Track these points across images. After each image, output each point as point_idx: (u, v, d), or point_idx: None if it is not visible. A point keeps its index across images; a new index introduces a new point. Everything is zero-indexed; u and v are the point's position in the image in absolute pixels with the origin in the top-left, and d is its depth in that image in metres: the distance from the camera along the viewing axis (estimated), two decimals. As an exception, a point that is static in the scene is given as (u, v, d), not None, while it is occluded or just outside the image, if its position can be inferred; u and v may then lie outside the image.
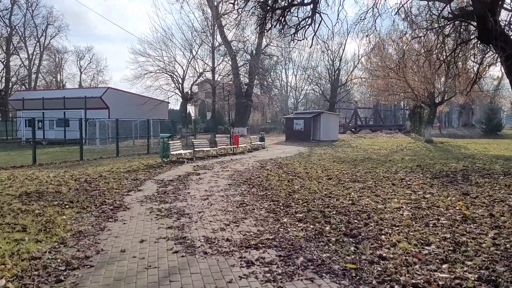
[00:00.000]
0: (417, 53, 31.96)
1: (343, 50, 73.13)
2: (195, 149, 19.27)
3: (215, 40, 40.03)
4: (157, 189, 10.11)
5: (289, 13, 14.45)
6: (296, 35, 15.42)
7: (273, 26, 14.72)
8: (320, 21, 13.67)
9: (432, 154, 22.41)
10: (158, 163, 16.23)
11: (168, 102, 50.01)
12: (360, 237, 5.92)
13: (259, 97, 57.77)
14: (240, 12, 16.35)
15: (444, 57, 31.55)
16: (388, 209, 7.58)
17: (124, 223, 6.79)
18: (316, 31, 13.58)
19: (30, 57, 61.40)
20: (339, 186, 10.27)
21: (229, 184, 10.96)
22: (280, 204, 8.30)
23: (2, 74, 56.96)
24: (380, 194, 9.03)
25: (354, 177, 11.87)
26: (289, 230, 6.36)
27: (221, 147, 21.91)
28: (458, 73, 31.80)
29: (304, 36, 13.73)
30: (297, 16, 14.33)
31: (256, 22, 39.87)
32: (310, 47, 15.24)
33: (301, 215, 7.31)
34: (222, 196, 9.28)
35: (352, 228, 6.35)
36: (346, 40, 52.65)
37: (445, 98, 32.87)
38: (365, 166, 15.17)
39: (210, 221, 6.91)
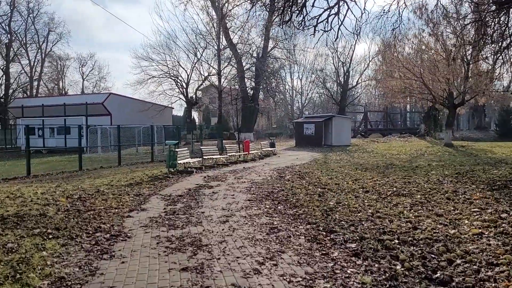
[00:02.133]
0: (435, 52, 30.30)
1: (353, 51, 71.59)
2: (204, 157, 17.58)
3: (221, 41, 38.48)
4: (164, 208, 8.39)
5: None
6: (316, 28, 13.80)
7: (292, 17, 13.09)
8: (347, 10, 11.99)
9: (459, 160, 20.61)
10: (164, 173, 14.52)
11: (172, 108, 48.46)
12: (453, 284, 4.19)
13: (265, 102, 56.16)
14: (248, 9, 14.77)
15: (463, 56, 29.87)
16: (465, 236, 5.83)
17: (123, 262, 5.06)
18: (343, 21, 11.89)
19: (32, 64, 60.11)
20: (383, 202, 8.52)
21: (249, 200, 9.24)
22: (320, 228, 6.57)
23: (2, 81, 55.64)
24: (441, 213, 7.27)
25: (394, 188, 10.11)
26: (347, 271, 4.63)
27: (231, 154, 20.20)
28: (478, 73, 30.14)
29: (330, 26, 11.97)
30: (318, 7, 12.63)
31: (267, 19, 38.15)
32: (336, 40, 13.62)
33: (353, 245, 5.58)
34: (245, 216, 7.55)
35: (434, 269, 4.61)
36: (356, 41, 50.79)
37: (466, 99, 31.02)
38: (397, 175, 13.44)
39: (237, 257, 5.18)
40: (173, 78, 43.27)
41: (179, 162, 14.60)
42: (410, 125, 59.32)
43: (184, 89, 43.78)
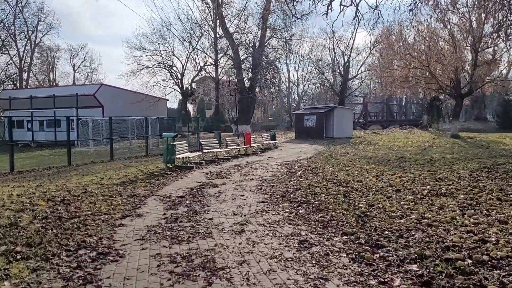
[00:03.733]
0: (443, 39, 29.00)
1: (354, 40, 69.88)
2: (204, 150, 16.18)
3: (217, 29, 36.95)
4: (164, 213, 7.00)
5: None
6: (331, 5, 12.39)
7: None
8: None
9: (473, 152, 19.41)
10: (161, 169, 13.11)
11: (167, 99, 46.94)
12: None
13: (262, 93, 54.70)
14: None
15: (472, 42, 28.60)
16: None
17: (113, 299, 3.71)
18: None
19: (21, 55, 58.03)
20: (423, 204, 7.19)
21: (262, 202, 7.88)
22: (362, 240, 5.24)
23: (-11, 72, 53.65)
24: (503, 219, 5.96)
25: (428, 187, 8.80)
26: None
27: (232, 148, 18.81)
28: (487, 61, 28.90)
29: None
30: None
31: (264, 7, 36.51)
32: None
33: (415, 267, 4.26)
34: (263, 224, 6.20)
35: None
36: (356, 30, 49.22)
37: (474, 89, 29.75)
38: (419, 170, 12.16)
39: (268, 289, 3.84)
40: (167, 68, 41.72)
41: (177, 156, 13.18)
42: (409, 117, 58.13)
43: (179, 80, 42.23)
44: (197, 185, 9.97)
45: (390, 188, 8.81)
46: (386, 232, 5.55)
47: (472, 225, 5.70)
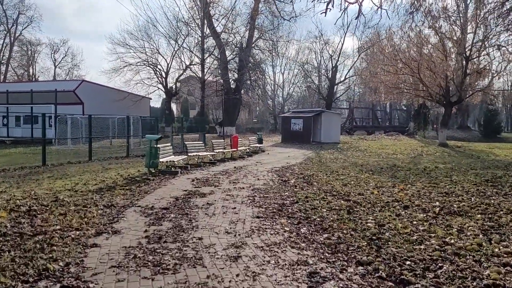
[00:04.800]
0: (434, 46, 28.67)
1: (342, 44, 69.61)
2: (189, 153, 15.22)
3: (205, 28, 35.97)
4: (145, 230, 6.05)
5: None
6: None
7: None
8: None
9: (465, 162, 18.97)
10: (143, 174, 12.09)
11: (150, 98, 45.65)
12: None
13: (247, 95, 53.79)
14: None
15: (464, 50, 28.31)
16: None
17: None
18: None
19: None
20: (439, 225, 6.42)
21: (257, 217, 6.99)
22: (383, 274, 4.39)
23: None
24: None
25: (437, 203, 8.05)
26: None
27: (219, 151, 17.88)
28: (478, 70, 28.65)
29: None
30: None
31: (253, 8, 35.84)
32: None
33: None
34: (262, 248, 5.31)
35: None
36: (345, 33, 48.79)
37: (463, 97, 29.49)
38: (417, 181, 11.50)
39: None
40: (151, 66, 40.50)
41: (161, 160, 12.18)
42: (394, 123, 58.13)
43: (163, 79, 41.02)
44: (182, 194, 9.01)
45: (396, 203, 8.02)
46: (408, 262, 4.73)
47: (505, 255, 4.93)
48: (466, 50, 27.60)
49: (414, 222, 6.53)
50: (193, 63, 39.45)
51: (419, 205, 7.82)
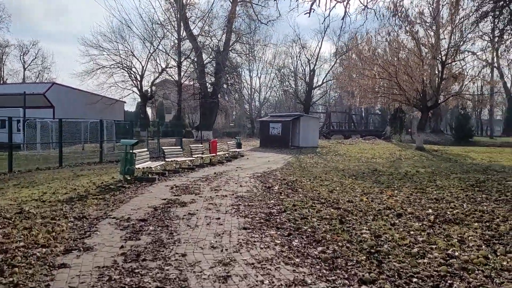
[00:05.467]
0: (411, 51, 28.85)
1: (320, 48, 69.84)
2: (166, 159, 14.56)
3: (181, 30, 35.26)
4: (121, 246, 5.44)
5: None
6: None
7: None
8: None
9: (444, 166, 18.99)
10: (118, 181, 11.38)
11: (124, 102, 44.47)
12: None
13: (224, 99, 53.21)
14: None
15: (441, 56, 28.61)
16: None
17: None
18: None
19: (-37, 49, 53.62)
20: (437, 234, 6.05)
21: (244, 228, 6.47)
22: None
23: None
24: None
25: (430, 210, 7.72)
26: None
27: (197, 156, 17.27)
28: (453, 75, 28.99)
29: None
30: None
31: (230, 11, 35.45)
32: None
33: None
34: (253, 265, 4.79)
35: None
36: (323, 37, 48.91)
37: (439, 101, 29.79)
38: (402, 186, 11.26)
39: None
40: (126, 69, 39.44)
41: (137, 166, 11.49)
42: (370, 127, 58.59)
43: (138, 82, 40.02)
44: (161, 203, 8.39)
45: (388, 211, 7.65)
46: (415, 279, 4.31)
47: (515, 268, 4.58)
48: (442, 55, 27.90)
49: (411, 232, 6.14)
50: (169, 66, 38.65)
51: (412, 212, 7.47)
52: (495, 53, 32.73)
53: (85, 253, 5.11)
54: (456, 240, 5.73)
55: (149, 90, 41.08)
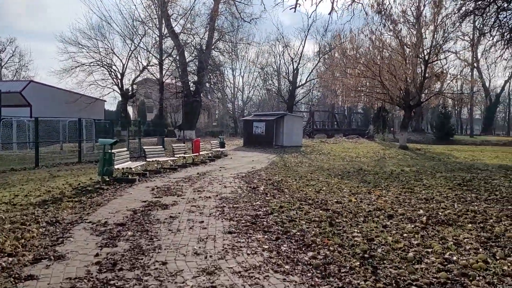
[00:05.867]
0: (394, 50, 28.88)
1: (303, 46, 69.66)
2: (148, 159, 14.07)
3: (163, 27, 34.62)
4: (96, 253, 5.01)
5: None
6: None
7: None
8: None
9: (429, 164, 18.97)
10: (95, 182, 10.86)
11: (104, 101, 43.49)
12: None
13: (207, 98, 52.64)
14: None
15: (425, 54, 28.72)
16: None
17: None
18: None
19: None
20: (432, 237, 5.79)
21: (229, 232, 6.09)
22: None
23: None
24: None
25: (421, 211, 7.48)
26: None
27: (179, 156, 16.81)
28: (436, 74, 29.16)
29: None
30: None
31: (212, 8, 34.98)
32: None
33: None
34: (239, 273, 4.42)
35: None
36: (306, 36, 48.77)
37: (422, 100, 29.92)
38: (390, 186, 11.07)
39: None
40: (106, 67, 38.49)
41: (116, 167, 10.99)
42: (353, 126, 58.77)
43: (118, 80, 39.12)
44: (141, 205, 7.96)
45: (378, 212, 7.38)
46: (414, 287, 4.02)
47: (518, 274, 4.34)
48: (425, 54, 27.99)
49: (405, 235, 5.87)
50: (150, 64, 37.92)
51: (403, 213, 7.21)
52: (474, 54, 33.08)
53: (56, 263, 4.68)
54: (452, 243, 5.48)
55: (130, 88, 40.24)
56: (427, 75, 28.38)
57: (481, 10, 20.65)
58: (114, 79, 38.97)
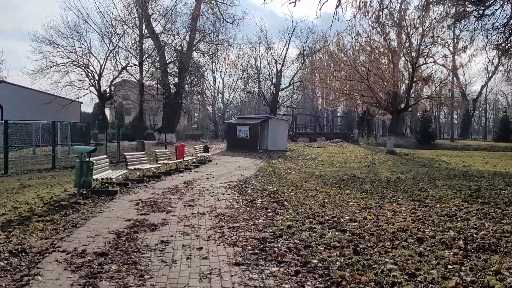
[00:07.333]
0: (382, 53, 28.35)
1: (287, 48, 69.09)
2: (129, 167, 12.83)
3: (143, 27, 33.27)
4: (72, 301, 3.88)
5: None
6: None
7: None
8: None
9: (421, 171, 18.43)
10: (71, 195, 9.59)
11: (81, 102, 41.72)
12: None
13: (187, 100, 51.31)
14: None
15: (411, 57, 28.26)
16: None
17: None
18: None
19: None
20: (482, 269, 4.85)
21: (237, 264, 4.97)
22: None
23: None
24: None
25: (452, 233, 6.55)
26: None
27: (163, 162, 15.62)
28: (423, 78, 28.74)
29: None
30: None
31: (194, 8, 33.86)
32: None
33: None
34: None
35: None
36: (290, 38, 47.98)
37: (410, 104, 29.46)
38: (396, 197, 10.21)
39: None
40: (82, 67, 36.74)
41: (95, 177, 9.73)
42: (336, 130, 58.37)
43: (96, 81, 37.41)
44: (125, 226, 6.78)
45: (403, 234, 6.41)
46: None
47: None
48: (413, 58, 27.54)
49: (449, 266, 4.90)
50: (130, 64, 36.43)
51: (433, 236, 6.25)
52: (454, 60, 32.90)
53: (17, 318, 3.52)
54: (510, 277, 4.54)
55: (107, 90, 38.59)
56: (415, 79, 27.93)
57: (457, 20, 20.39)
58: (91, 80, 37.28)
